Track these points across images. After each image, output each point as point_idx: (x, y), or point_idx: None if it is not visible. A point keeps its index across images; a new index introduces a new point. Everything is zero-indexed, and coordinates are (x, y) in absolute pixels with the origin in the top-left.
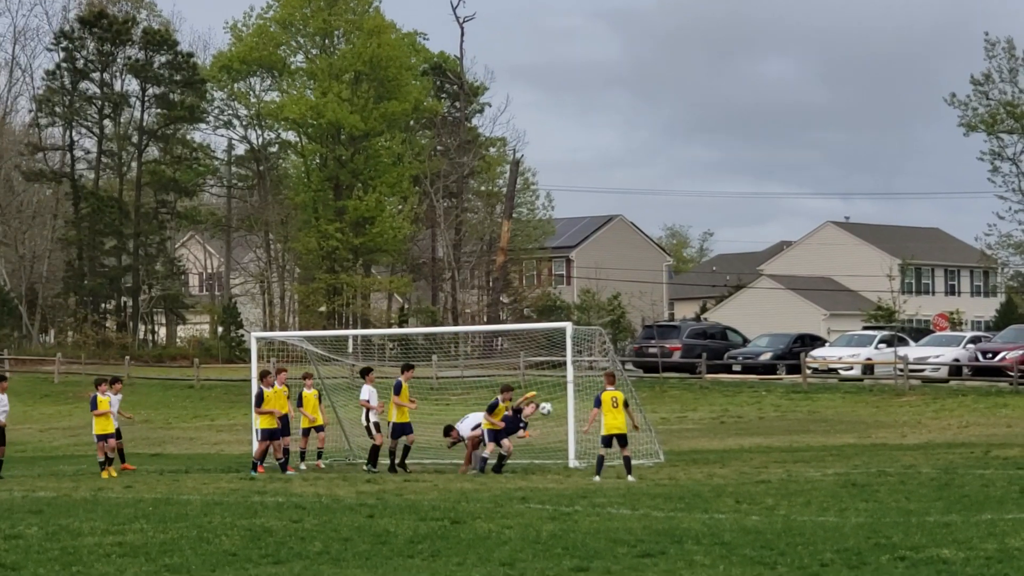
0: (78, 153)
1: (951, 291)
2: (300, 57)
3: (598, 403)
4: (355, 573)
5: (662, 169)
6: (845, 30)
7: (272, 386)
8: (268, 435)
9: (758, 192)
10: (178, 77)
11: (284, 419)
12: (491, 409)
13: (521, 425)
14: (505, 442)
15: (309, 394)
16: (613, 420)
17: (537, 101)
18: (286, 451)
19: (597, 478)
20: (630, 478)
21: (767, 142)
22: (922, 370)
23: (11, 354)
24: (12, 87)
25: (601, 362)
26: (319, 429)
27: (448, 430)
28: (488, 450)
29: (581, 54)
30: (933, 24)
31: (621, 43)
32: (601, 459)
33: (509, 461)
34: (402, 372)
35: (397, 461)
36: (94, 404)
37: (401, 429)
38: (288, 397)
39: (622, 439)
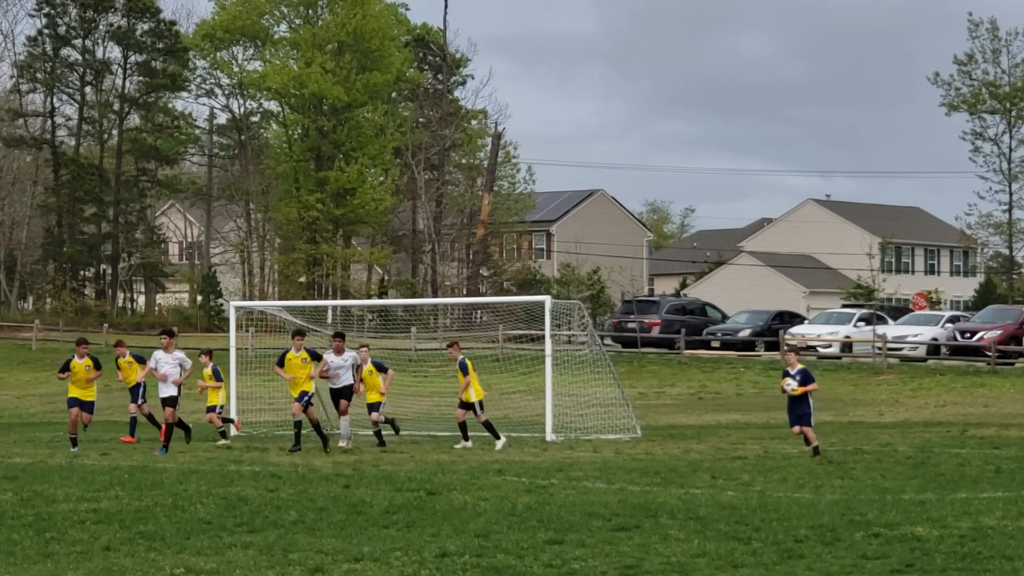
0: (59, 120)
1: (931, 270)
2: (283, 27)
3: (467, 370)
4: (330, 543)
5: (639, 144)
6: (824, 5)
7: (84, 356)
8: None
9: (736, 168)
10: (160, 45)
11: (135, 388)
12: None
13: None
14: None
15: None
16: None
17: (513, 73)
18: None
19: (501, 442)
20: (468, 444)
21: (745, 118)
22: (900, 349)
23: None
24: None
25: (580, 336)
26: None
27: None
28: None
29: (558, 26)
30: (912, 1)
31: (598, 16)
32: (487, 423)
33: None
34: (292, 338)
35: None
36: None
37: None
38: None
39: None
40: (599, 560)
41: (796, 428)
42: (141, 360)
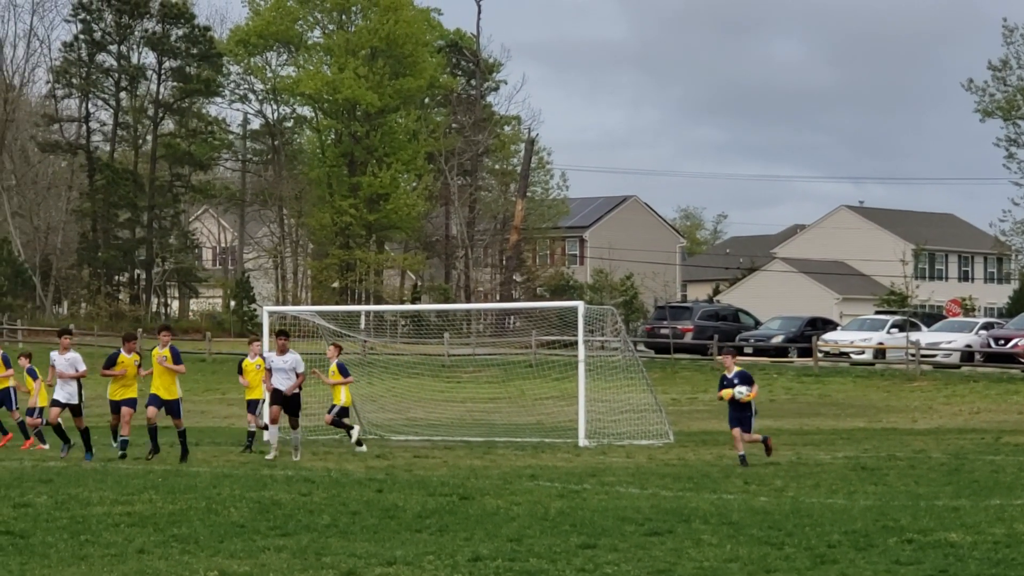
0: (94, 125)
1: (964, 277)
2: (317, 32)
3: (347, 372)
4: (363, 546)
5: (671, 150)
6: (854, 10)
7: (132, 352)
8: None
9: (769, 174)
10: (195, 50)
11: (4, 392)
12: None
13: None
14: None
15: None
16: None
17: (546, 78)
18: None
19: (356, 429)
20: (356, 428)
21: (776, 124)
22: (934, 355)
23: (24, 324)
24: (29, 58)
25: (613, 342)
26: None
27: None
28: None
29: (590, 32)
30: (943, 5)
31: (629, 22)
32: (337, 423)
33: (516, 439)
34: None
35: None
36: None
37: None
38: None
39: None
40: (632, 564)
41: (737, 431)
42: (7, 363)
